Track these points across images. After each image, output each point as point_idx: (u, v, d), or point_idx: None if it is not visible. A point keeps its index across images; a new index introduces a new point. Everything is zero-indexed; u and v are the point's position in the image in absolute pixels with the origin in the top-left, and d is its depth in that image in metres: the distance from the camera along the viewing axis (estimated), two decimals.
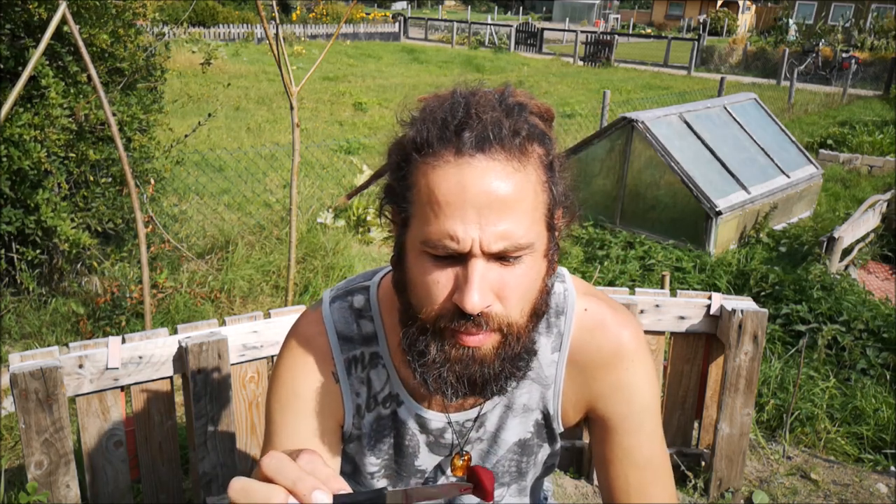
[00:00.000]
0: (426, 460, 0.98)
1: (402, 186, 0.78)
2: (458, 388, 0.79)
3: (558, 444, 1.02)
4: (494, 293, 0.75)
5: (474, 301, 0.73)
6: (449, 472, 0.99)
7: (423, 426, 0.95)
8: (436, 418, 0.94)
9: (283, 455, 0.56)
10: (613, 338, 0.94)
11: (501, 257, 0.75)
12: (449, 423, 0.95)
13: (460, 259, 0.74)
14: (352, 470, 1.02)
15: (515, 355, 0.80)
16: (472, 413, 0.95)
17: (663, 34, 30.33)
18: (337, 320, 0.95)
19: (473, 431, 0.96)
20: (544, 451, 1.01)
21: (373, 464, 0.98)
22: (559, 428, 0.99)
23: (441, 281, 0.76)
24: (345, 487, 0.56)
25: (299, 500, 0.53)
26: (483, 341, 0.77)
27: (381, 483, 1.00)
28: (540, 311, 0.82)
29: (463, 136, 0.73)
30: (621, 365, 0.94)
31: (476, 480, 0.72)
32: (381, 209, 0.84)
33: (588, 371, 0.95)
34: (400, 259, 0.82)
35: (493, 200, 0.72)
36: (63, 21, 2.30)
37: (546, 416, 0.98)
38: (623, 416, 0.94)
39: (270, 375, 0.98)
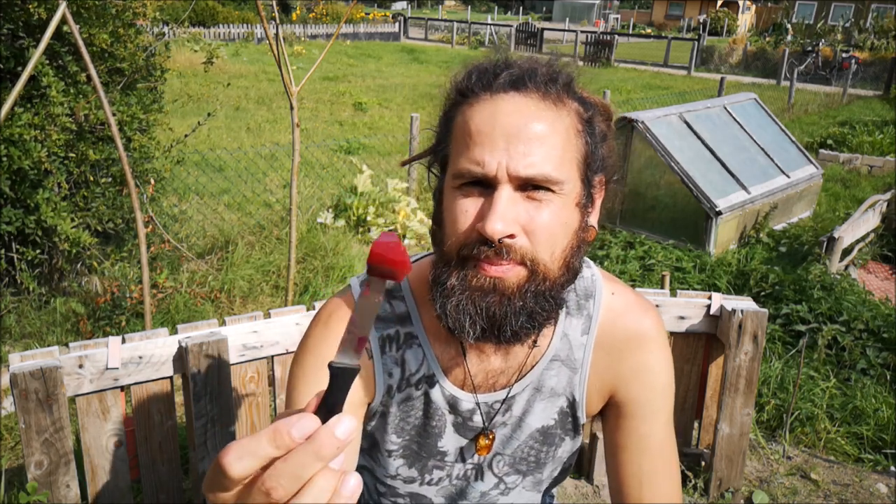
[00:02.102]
0: (449, 441, 0.98)
1: (444, 129, 0.82)
2: (476, 320, 0.77)
3: (579, 439, 1.02)
4: (521, 226, 0.75)
5: (496, 226, 0.73)
6: (472, 454, 0.99)
7: (454, 406, 0.95)
8: (467, 399, 0.94)
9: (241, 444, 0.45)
10: (638, 321, 0.96)
11: (529, 189, 0.75)
12: (477, 404, 0.95)
13: (488, 188, 0.76)
14: (369, 446, 1.01)
15: (541, 293, 0.78)
16: (501, 395, 0.95)
17: (663, 34, 30.33)
18: None
19: (500, 415, 0.96)
20: (565, 446, 1.01)
21: (394, 442, 0.98)
22: (582, 417, 0.99)
23: (469, 210, 0.77)
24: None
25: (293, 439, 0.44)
26: (506, 273, 0.76)
27: (397, 462, 0.99)
28: (572, 264, 0.80)
29: (500, 77, 0.77)
30: (646, 347, 0.95)
31: (379, 258, 0.50)
32: (429, 167, 0.87)
33: (613, 353, 0.96)
34: (438, 205, 0.84)
35: (522, 130, 0.74)
36: (63, 21, 2.30)
37: (572, 405, 0.98)
38: (642, 402, 0.95)
39: (297, 348, 0.96)
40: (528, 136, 0.74)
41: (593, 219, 0.85)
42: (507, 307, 0.77)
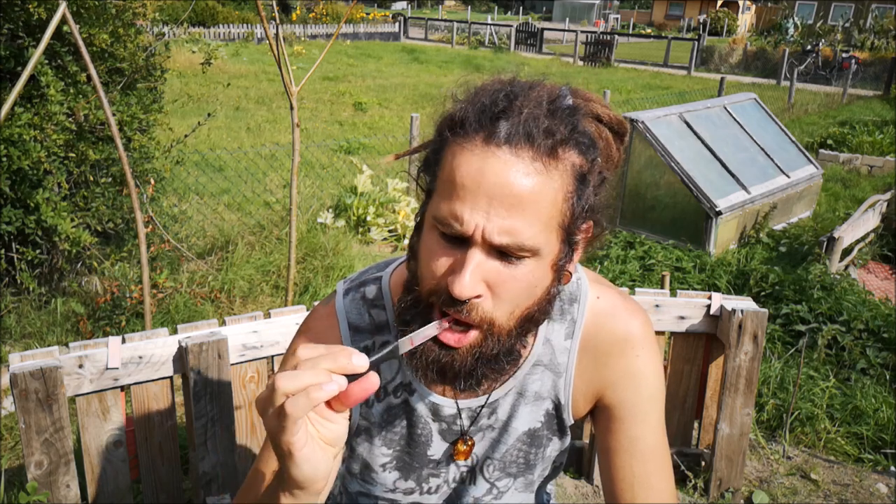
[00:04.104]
0: (439, 449, 0.98)
1: (433, 159, 0.80)
2: (426, 374, 0.80)
3: (567, 439, 1.02)
4: (487, 285, 0.76)
5: (464, 285, 0.73)
6: (460, 461, 0.99)
7: (436, 413, 0.95)
8: (448, 404, 0.95)
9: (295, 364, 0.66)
10: (624, 325, 0.95)
11: (503, 253, 0.75)
12: (458, 410, 0.95)
13: (464, 243, 0.75)
14: (361, 468, 1.02)
15: (492, 357, 0.80)
16: (483, 399, 0.95)
17: (663, 34, 30.34)
18: (349, 311, 0.96)
19: (485, 419, 0.96)
20: (553, 446, 1.01)
21: (384, 454, 0.98)
22: (569, 420, 0.99)
23: (441, 259, 0.77)
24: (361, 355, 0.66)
25: (344, 372, 0.64)
26: (460, 342, 0.78)
27: (392, 475, 0.99)
28: (533, 318, 0.81)
29: (497, 125, 0.74)
30: (632, 352, 0.94)
31: None
32: (417, 177, 0.85)
33: (599, 357, 0.95)
34: (418, 228, 0.83)
35: (506, 194, 0.72)
36: (63, 21, 2.29)
37: (557, 407, 0.98)
38: (630, 405, 0.95)
39: (279, 366, 0.98)
40: (511, 201, 0.72)
41: (574, 262, 0.85)
42: (458, 367, 0.79)
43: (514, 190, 0.72)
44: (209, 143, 7.76)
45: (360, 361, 0.64)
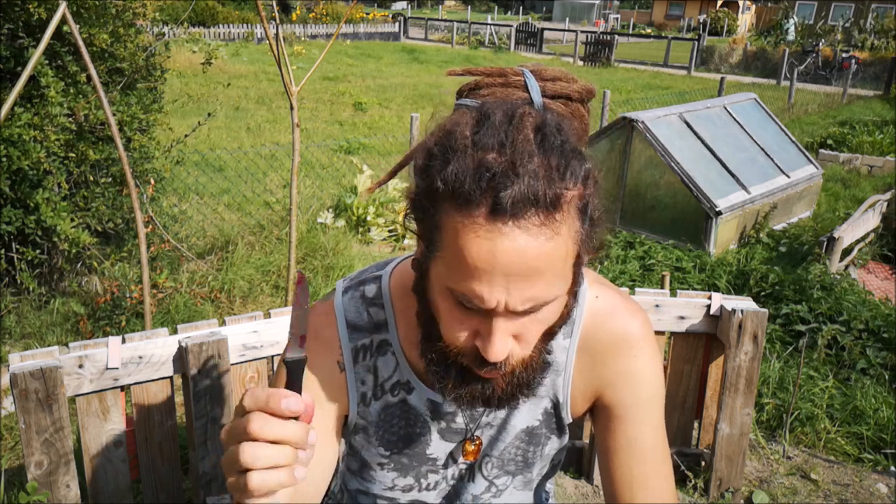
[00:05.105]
0: (437, 448, 0.98)
1: (429, 222, 0.75)
2: (470, 405, 0.83)
3: (566, 438, 1.02)
4: (514, 337, 0.77)
5: (496, 353, 0.74)
6: (461, 458, 0.99)
7: (436, 411, 0.95)
8: (447, 403, 0.95)
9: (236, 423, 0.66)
10: (623, 325, 0.95)
11: (526, 310, 0.76)
12: (458, 408, 0.95)
13: (485, 311, 0.75)
14: (359, 466, 1.02)
15: (528, 380, 0.82)
16: None
17: (663, 34, 30.34)
18: (348, 309, 0.96)
19: (484, 416, 0.96)
20: (552, 444, 1.01)
21: (383, 455, 0.98)
22: (568, 418, 0.99)
23: (464, 323, 0.76)
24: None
25: (278, 415, 0.64)
26: (497, 374, 0.80)
27: (390, 474, 0.99)
28: (555, 332, 0.82)
29: (498, 197, 0.68)
30: (630, 352, 0.94)
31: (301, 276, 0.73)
32: (405, 217, 0.82)
33: (598, 357, 0.95)
34: (423, 275, 0.82)
35: (522, 270, 0.71)
36: (63, 21, 2.30)
37: (556, 405, 0.98)
38: (629, 405, 0.95)
39: (276, 372, 0.98)
40: (528, 273, 0.71)
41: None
42: (499, 395, 0.82)
43: (530, 263, 0.70)
44: (209, 143, 7.76)
45: (290, 406, 0.64)
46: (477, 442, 0.97)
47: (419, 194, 0.77)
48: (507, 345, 0.75)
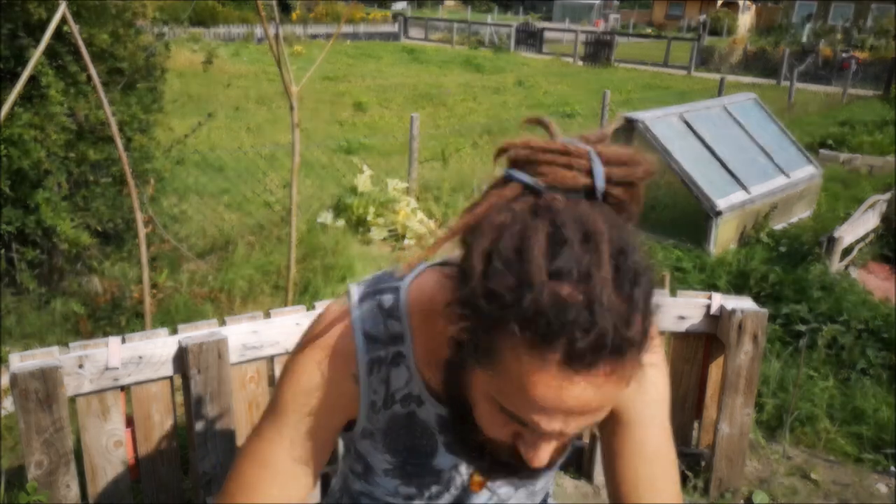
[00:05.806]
0: (443, 460, 0.98)
1: (486, 337, 0.70)
2: (502, 479, 0.87)
3: (570, 446, 1.02)
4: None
5: (540, 463, 0.75)
6: (464, 470, 0.99)
7: (444, 425, 0.95)
8: None
9: None
10: None
11: None
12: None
13: None
14: (363, 469, 1.02)
15: (560, 455, 0.84)
16: None
17: (663, 34, 30.34)
18: (365, 319, 0.93)
19: None
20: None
21: (388, 461, 0.98)
22: None
23: (507, 427, 0.76)
24: None
25: None
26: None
27: (394, 481, 0.99)
28: None
29: (574, 347, 0.65)
30: None
31: None
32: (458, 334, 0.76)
33: None
34: (458, 370, 0.79)
35: (586, 412, 0.71)
36: (63, 21, 2.29)
37: None
38: (636, 409, 0.95)
39: (287, 360, 0.96)
40: (590, 413, 0.71)
41: None
42: (527, 468, 0.82)
43: (594, 406, 0.70)
44: (209, 143, 7.75)
45: None
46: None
47: (477, 303, 0.69)
48: (550, 452, 0.75)
